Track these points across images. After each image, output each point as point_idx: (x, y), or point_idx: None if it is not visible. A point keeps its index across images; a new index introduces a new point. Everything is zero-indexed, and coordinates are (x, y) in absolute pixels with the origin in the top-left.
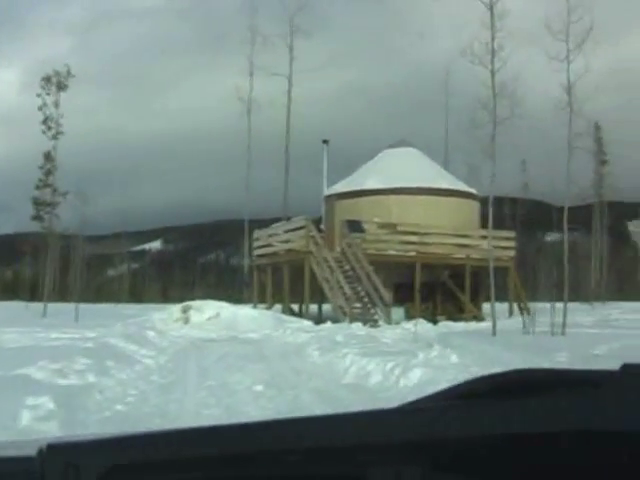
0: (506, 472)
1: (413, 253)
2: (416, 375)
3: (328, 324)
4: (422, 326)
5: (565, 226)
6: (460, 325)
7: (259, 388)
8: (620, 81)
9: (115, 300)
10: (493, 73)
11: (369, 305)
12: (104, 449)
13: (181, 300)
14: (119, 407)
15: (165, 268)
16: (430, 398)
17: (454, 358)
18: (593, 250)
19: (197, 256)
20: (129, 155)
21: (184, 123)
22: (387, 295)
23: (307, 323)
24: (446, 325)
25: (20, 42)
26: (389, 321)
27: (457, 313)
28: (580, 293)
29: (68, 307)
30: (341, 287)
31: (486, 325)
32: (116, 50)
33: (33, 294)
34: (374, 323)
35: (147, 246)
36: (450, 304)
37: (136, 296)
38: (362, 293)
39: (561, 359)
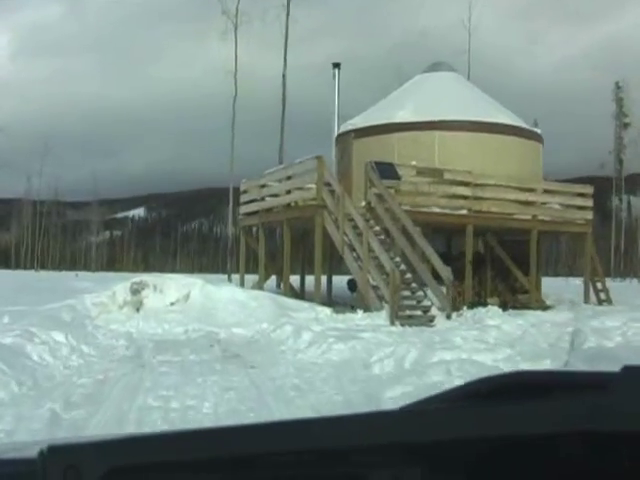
0: (507, 474)
1: (464, 211)
2: None
3: (359, 315)
4: (501, 318)
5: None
6: (543, 316)
7: None
8: None
9: (89, 268)
10: None
11: (414, 285)
12: (105, 451)
13: (161, 270)
14: None
15: (147, 236)
16: (430, 400)
17: None
18: None
19: (180, 224)
20: (115, 122)
21: (170, 89)
22: (446, 271)
23: (324, 311)
24: (535, 318)
25: (11, 6)
26: (448, 311)
27: (510, 294)
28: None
29: (24, 277)
30: (376, 258)
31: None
32: (101, 16)
33: (6, 262)
34: (424, 313)
35: (131, 213)
36: (500, 282)
37: (112, 264)
38: (402, 267)
39: None
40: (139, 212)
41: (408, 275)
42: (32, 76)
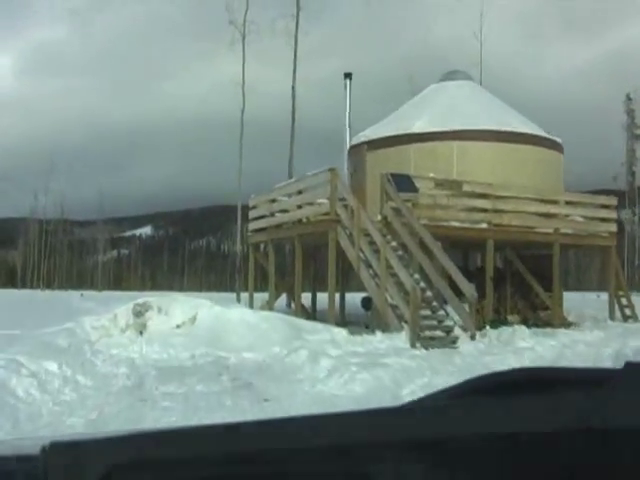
0: (509, 470)
1: (484, 225)
2: None
3: (378, 336)
4: (532, 339)
5: None
6: (574, 336)
7: None
8: None
9: (96, 288)
10: None
11: (434, 304)
12: (107, 447)
13: (168, 288)
14: None
15: (154, 254)
16: (433, 396)
17: None
18: None
19: (188, 242)
20: (122, 139)
21: (176, 105)
22: (470, 288)
23: (341, 333)
24: (566, 337)
25: (18, 25)
26: (472, 331)
27: (531, 311)
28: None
29: (28, 297)
30: (393, 275)
31: None
32: (108, 32)
33: (12, 281)
34: (446, 334)
35: (138, 232)
36: (520, 298)
37: (119, 283)
38: (422, 285)
39: None
40: (146, 230)
41: (428, 293)
42: (37, 93)
